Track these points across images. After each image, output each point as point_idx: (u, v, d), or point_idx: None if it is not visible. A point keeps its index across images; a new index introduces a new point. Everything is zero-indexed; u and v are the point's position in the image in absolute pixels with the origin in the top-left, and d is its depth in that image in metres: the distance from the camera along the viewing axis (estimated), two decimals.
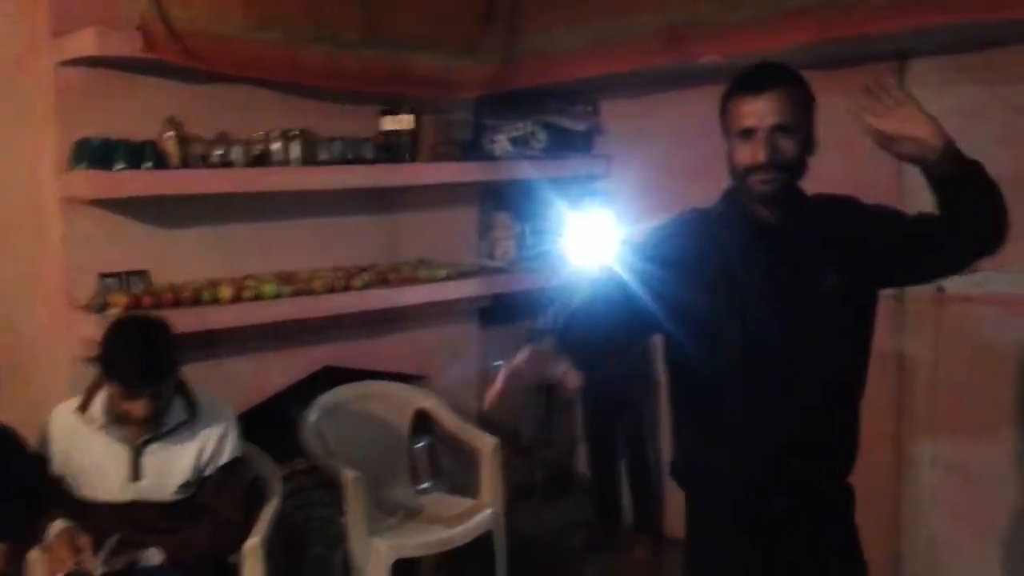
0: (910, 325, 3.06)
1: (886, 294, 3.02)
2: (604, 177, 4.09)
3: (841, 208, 1.92)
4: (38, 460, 2.49)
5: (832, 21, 2.64)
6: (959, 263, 1.91)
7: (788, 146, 1.80)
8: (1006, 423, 2.87)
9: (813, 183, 2.92)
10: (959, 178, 1.75)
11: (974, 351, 2.93)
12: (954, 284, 2.94)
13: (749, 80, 1.84)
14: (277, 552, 2.59)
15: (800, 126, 1.83)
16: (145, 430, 2.41)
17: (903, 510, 3.14)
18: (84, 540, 2.30)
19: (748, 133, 1.81)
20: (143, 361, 2.32)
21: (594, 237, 3.49)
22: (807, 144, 1.85)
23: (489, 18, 3.70)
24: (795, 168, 1.83)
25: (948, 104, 2.88)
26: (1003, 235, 1.78)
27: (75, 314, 2.94)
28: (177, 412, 2.47)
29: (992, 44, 2.75)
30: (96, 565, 2.27)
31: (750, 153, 1.80)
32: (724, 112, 1.88)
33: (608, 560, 3.69)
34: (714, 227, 1.91)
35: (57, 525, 2.32)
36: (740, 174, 1.84)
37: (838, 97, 3.20)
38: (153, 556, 2.37)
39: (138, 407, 2.34)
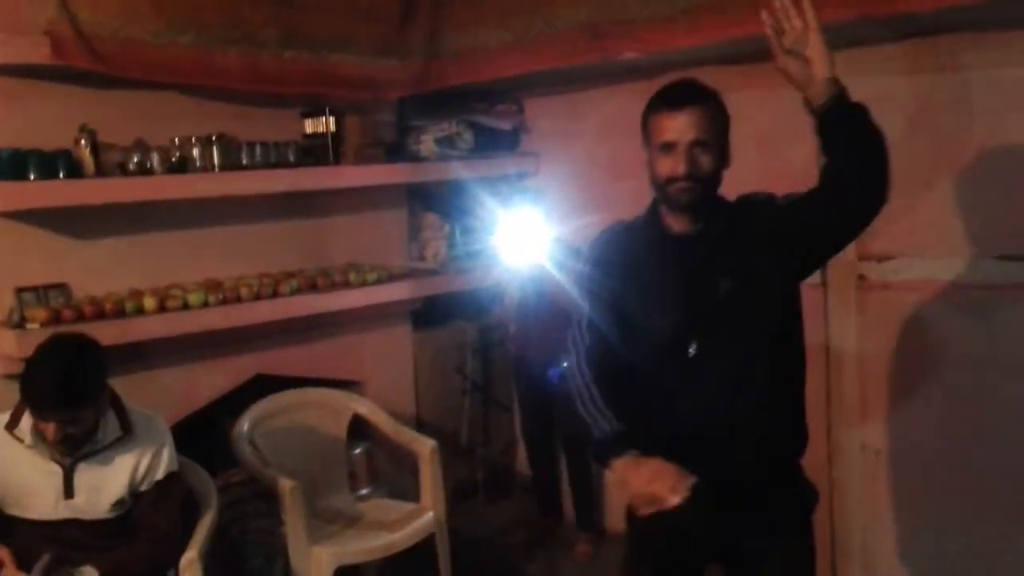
0: (833, 314, 3.14)
1: (810, 283, 3.13)
2: (532, 175, 4.10)
3: (753, 207, 2.01)
4: None
5: (742, 18, 2.69)
6: (848, 226, 1.98)
7: (705, 160, 1.92)
8: (929, 406, 2.95)
9: (734, 170, 2.99)
10: (844, 119, 1.86)
11: (895, 337, 3.01)
12: (874, 272, 3.02)
13: (670, 97, 1.95)
14: (215, 566, 2.54)
15: (716, 141, 1.94)
16: (63, 451, 2.34)
17: (836, 496, 3.21)
18: (3, 552, 2.25)
19: (669, 147, 1.92)
20: (56, 387, 2.24)
21: (524, 235, 3.50)
22: (722, 157, 1.97)
23: (409, 17, 3.68)
24: (711, 179, 1.95)
25: (858, 92, 2.98)
26: (887, 188, 1.88)
27: None
28: (112, 429, 2.41)
29: (890, 39, 2.83)
30: None
31: (671, 166, 1.91)
32: (645, 125, 1.99)
33: (551, 557, 3.69)
34: (633, 237, 2.06)
35: None
36: (661, 184, 1.95)
37: (755, 90, 3.29)
38: (90, 573, 2.30)
39: (49, 430, 2.28)
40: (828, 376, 3.17)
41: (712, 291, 1.96)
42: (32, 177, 2.84)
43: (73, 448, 2.34)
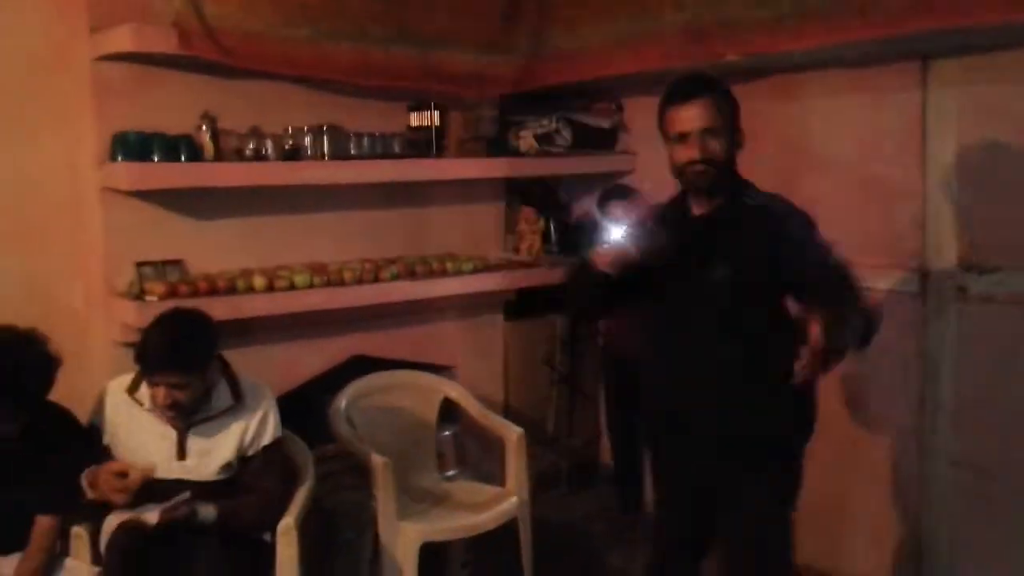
0: (932, 325, 3.08)
1: (907, 292, 3.09)
2: (629, 174, 4.14)
3: (771, 218, 2.19)
4: (91, 432, 2.59)
5: (851, 23, 2.67)
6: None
7: (716, 145, 2.15)
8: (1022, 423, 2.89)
9: (835, 174, 3.03)
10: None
11: (995, 351, 2.95)
12: (975, 283, 2.96)
13: (680, 91, 2.18)
14: (309, 534, 2.66)
15: (725, 127, 2.17)
16: (173, 418, 2.49)
17: (924, 507, 3.16)
18: (116, 464, 2.45)
19: (683, 136, 2.16)
20: (165, 351, 2.40)
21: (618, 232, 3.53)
22: (733, 141, 2.19)
23: (514, 16, 3.75)
24: (724, 162, 2.17)
25: (968, 102, 2.93)
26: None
27: (113, 301, 3.04)
28: (224, 398, 2.56)
29: (1009, 46, 2.77)
30: (156, 514, 2.36)
31: (686, 153, 2.15)
32: (661, 120, 2.21)
33: (631, 549, 3.73)
34: (661, 215, 2.33)
35: (89, 471, 2.46)
36: (679, 170, 2.19)
37: (859, 95, 3.26)
38: (208, 512, 2.44)
39: (160, 394, 2.43)
40: (923, 387, 3.12)
41: (708, 274, 2.17)
42: (156, 159, 3.00)
43: (181, 414, 2.47)
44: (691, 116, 2.14)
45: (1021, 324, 2.87)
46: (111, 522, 2.43)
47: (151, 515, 2.36)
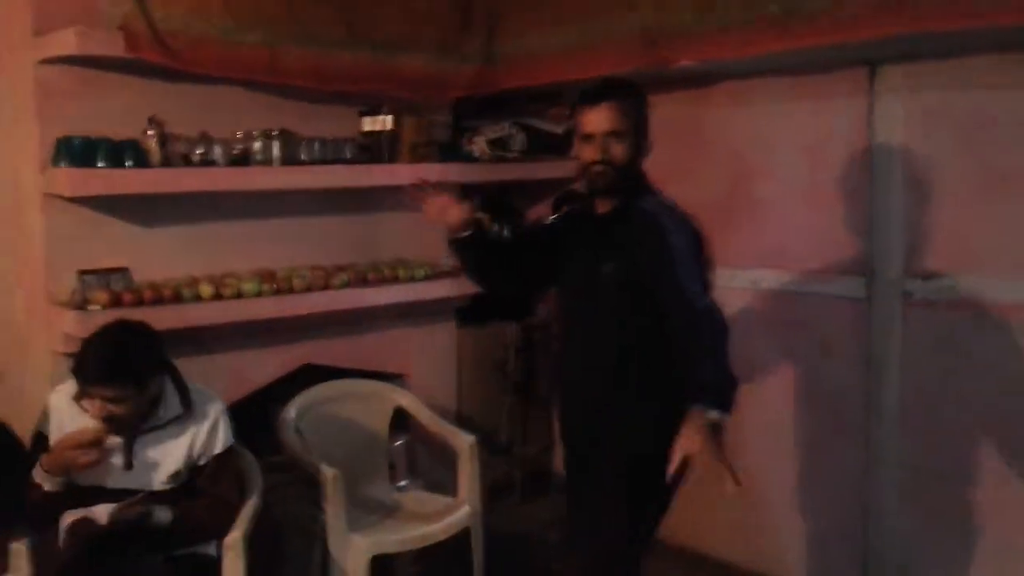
0: (876, 329, 3.13)
1: (853, 297, 3.13)
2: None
3: (648, 224, 2.27)
4: (37, 441, 2.51)
5: (801, 29, 2.71)
6: None
7: (618, 148, 2.28)
8: (970, 424, 2.94)
9: (783, 179, 3.06)
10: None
11: (938, 355, 3.00)
12: (919, 289, 3.01)
13: (591, 94, 2.30)
14: (255, 547, 2.62)
15: (629, 132, 2.29)
16: (110, 430, 2.42)
17: (873, 510, 3.20)
18: (77, 433, 2.36)
19: (589, 137, 2.29)
20: (101, 364, 2.34)
21: None
22: (638, 146, 2.33)
23: (468, 21, 3.74)
24: (625, 166, 2.29)
25: (914, 107, 2.98)
26: None
27: (55, 310, 2.95)
28: (172, 406, 2.51)
29: (956, 53, 2.83)
30: (107, 514, 2.33)
31: (590, 152, 2.29)
32: (574, 119, 2.35)
33: None
34: (571, 211, 2.51)
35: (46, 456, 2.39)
36: (583, 169, 2.32)
37: (807, 101, 3.31)
38: (163, 514, 2.41)
39: (94, 407, 2.38)
40: (869, 390, 3.16)
41: (596, 269, 2.31)
42: (100, 165, 2.93)
43: (118, 428, 2.42)
44: (598, 118, 2.27)
45: (965, 328, 2.92)
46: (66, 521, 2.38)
47: (102, 513, 2.33)
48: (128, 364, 2.37)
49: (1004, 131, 2.79)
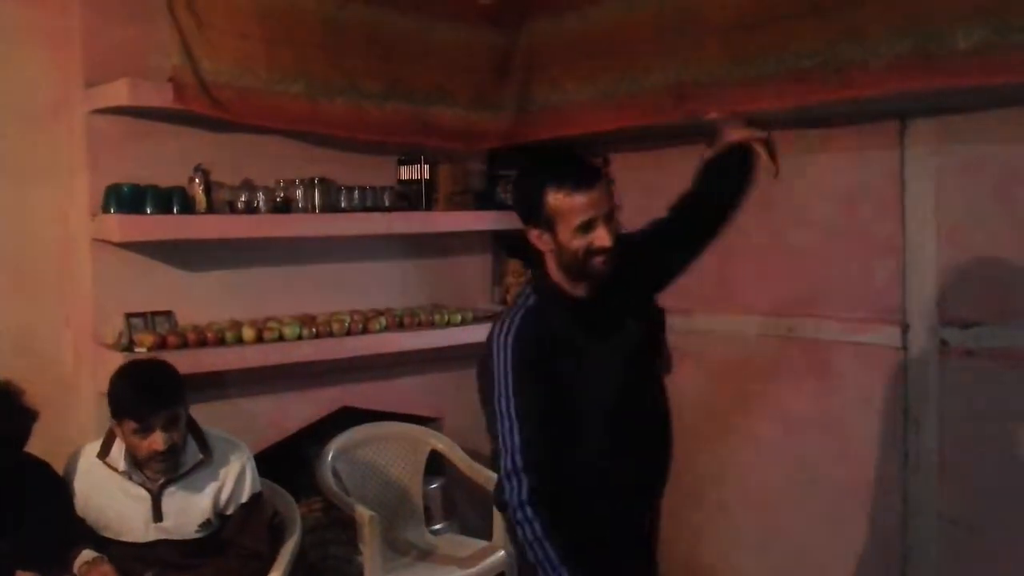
0: (913, 378, 3.12)
1: (889, 346, 3.13)
2: None
3: (630, 246, 2.08)
4: (69, 494, 2.57)
5: (831, 83, 2.74)
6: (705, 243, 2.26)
7: (616, 226, 2.01)
8: (1009, 477, 2.91)
9: (817, 229, 3.07)
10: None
11: (977, 405, 2.98)
12: (956, 338, 3.01)
13: (578, 177, 1.98)
14: None
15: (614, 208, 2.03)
16: (166, 468, 2.47)
17: (909, 561, 3.16)
18: (108, 568, 2.38)
19: (589, 223, 1.95)
20: (145, 388, 2.40)
21: None
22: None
23: (503, 72, 3.82)
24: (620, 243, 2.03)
25: (945, 162, 3.00)
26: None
27: (102, 352, 3.03)
28: (192, 453, 2.54)
29: (985, 106, 2.86)
30: None
31: (596, 239, 1.96)
32: (545, 206, 1.97)
33: None
34: (546, 319, 2.02)
35: (86, 554, 2.40)
36: (580, 258, 1.97)
37: (839, 153, 3.34)
38: None
39: (157, 439, 2.40)
40: (906, 440, 3.15)
41: (629, 335, 2.07)
42: (148, 211, 3.02)
43: (174, 461, 2.46)
44: (595, 201, 1.96)
45: (1002, 377, 2.91)
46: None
47: None
48: (167, 385, 2.45)
49: None
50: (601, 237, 1.96)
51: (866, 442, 3.25)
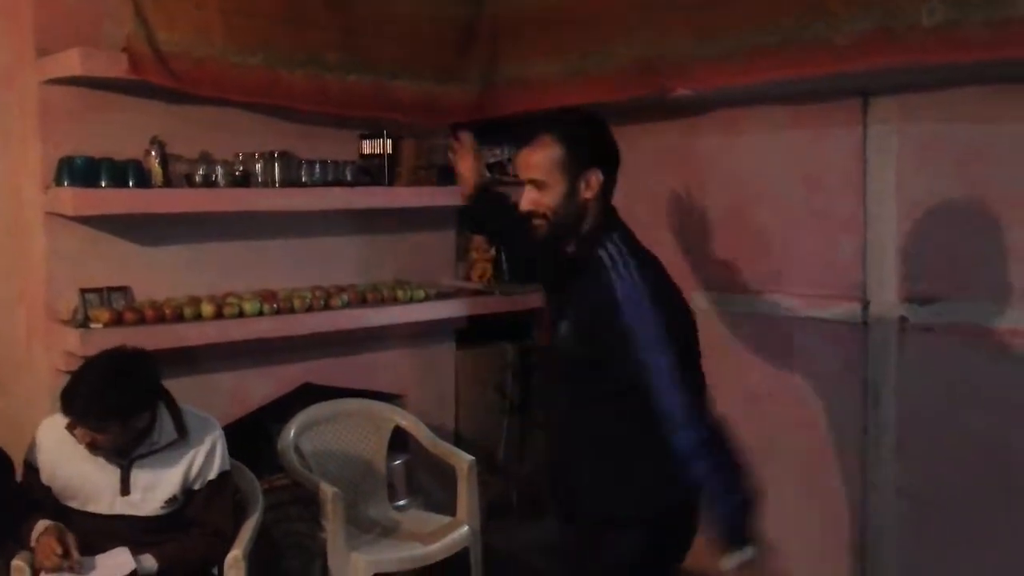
0: (873, 354, 3.16)
1: (850, 322, 3.17)
2: None
3: (600, 290, 1.96)
4: (27, 469, 2.53)
5: (796, 60, 2.74)
6: None
7: (544, 198, 1.98)
8: (967, 452, 2.96)
9: (779, 207, 3.05)
10: None
11: (935, 381, 3.03)
12: (916, 314, 3.04)
13: (521, 134, 2.04)
14: (255, 565, 2.63)
15: (553, 178, 1.98)
16: (111, 456, 2.44)
17: (868, 534, 3.22)
18: (70, 537, 2.35)
19: (522, 181, 2.03)
20: (85, 401, 2.32)
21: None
22: (573, 190, 1.99)
23: (467, 46, 3.78)
24: (558, 214, 1.99)
25: (908, 137, 3.03)
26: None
27: (56, 328, 2.97)
28: (167, 432, 2.51)
29: (948, 84, 2.88)
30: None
31: (523, 201, 2.03)
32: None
33: None
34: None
35: (41, 524, 2.37)
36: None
37: (802, 130, 3.35)
38: (147, 562, 2.41)
39: (79, 434, 2.38)
40: (865, 415, 3.19)
41: (556, 325, 2.05)
42: (103, 184, 2.96)
43: (105, 455, 2.43)
44: (522, 164, 2.02)
45: (961, 353, 2.95)
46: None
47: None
48: (113, 401, 2.33)
49: (997, 161, 2.84)
50: (523, 199, 2.01)
51: (826, 417, 3.29)
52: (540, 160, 1.98)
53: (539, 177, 1.98)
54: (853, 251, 3.19)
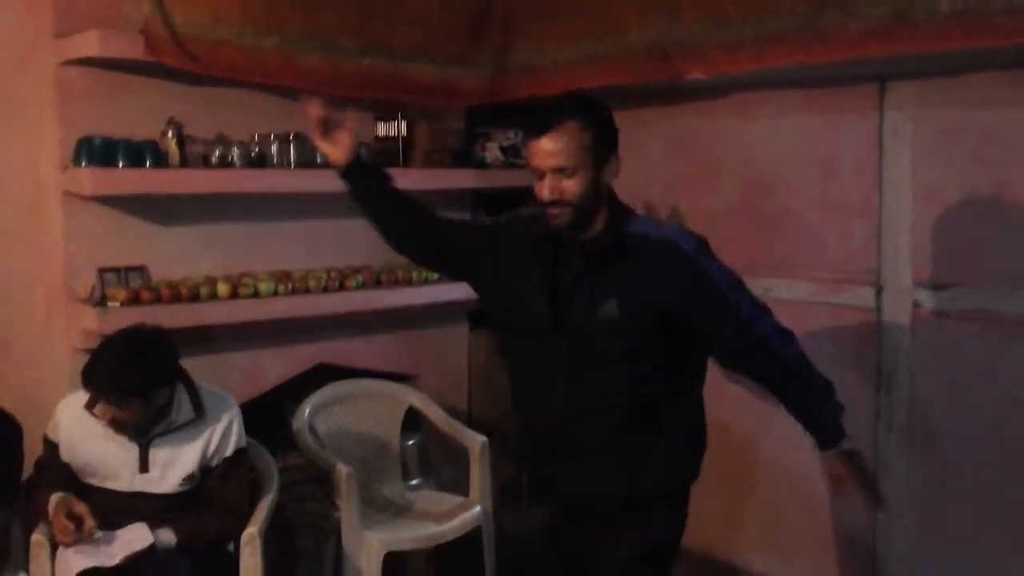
0: (886, 339, 3.16)
1: (863, 307, 3.17)
2: None
3: (661, 267, 2.01)
4: (47, 445, 2.56)
5: (810, 46, 2.74)
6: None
7: (570, 185, 1.96)
8: (979, 435, 2.97)
9: (793, 191, 3.04)
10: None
11: (948, 365, 3.03)
12: (929, 299, 3.04)
13: (536, 122, 1.99)
14: (270, 543, 2.66)
15: (581, 164, 1.96)
16: (131, 435, 2.47)
17: (880, 519, 3.23)
18: (81, 507, 2.38)
19: (538, 173, 1.98)
20: (107, 375, 2.35)
21: None
22: (594, 179, 1.99)
23: (482, 31, 3.78)
24: (584, 201, 1.98)
25: (924, 123, 3.02)
26: None
27: (74, 307, 3.00)
28: (185, 411, 2.53)
29: (964, 70, 2.87)
30: (115, 556, 2.35)
31: (541, 191, 1.98)
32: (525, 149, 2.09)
33: None
34: (534, 227, 2.10)
35: (55, 498, 2.41)
36: (541, 206, 2.01)
37: (817, 115, 3.34)
38: (165, 535, 2.44)
39: (100, 411, 2.41)
40: (878, 398, 3.20)
41: (591, 309, 2.01)
42: (121, 165, 2.98)
43: (126, 433, 2.46)
44: (543, 152, 1.96)
45: (974, 339, 2.96)
46: (67, 564, 2.36)
47: (109, 555, 2.35)
48: (134, 378, 2.37)
49: (1013, 147, 2.83)
50: (540, 188, 1.98)
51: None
52: (566, 147, 1.95)
53: (567, 164, 1.95)
54: (867, 237, 3.19)
